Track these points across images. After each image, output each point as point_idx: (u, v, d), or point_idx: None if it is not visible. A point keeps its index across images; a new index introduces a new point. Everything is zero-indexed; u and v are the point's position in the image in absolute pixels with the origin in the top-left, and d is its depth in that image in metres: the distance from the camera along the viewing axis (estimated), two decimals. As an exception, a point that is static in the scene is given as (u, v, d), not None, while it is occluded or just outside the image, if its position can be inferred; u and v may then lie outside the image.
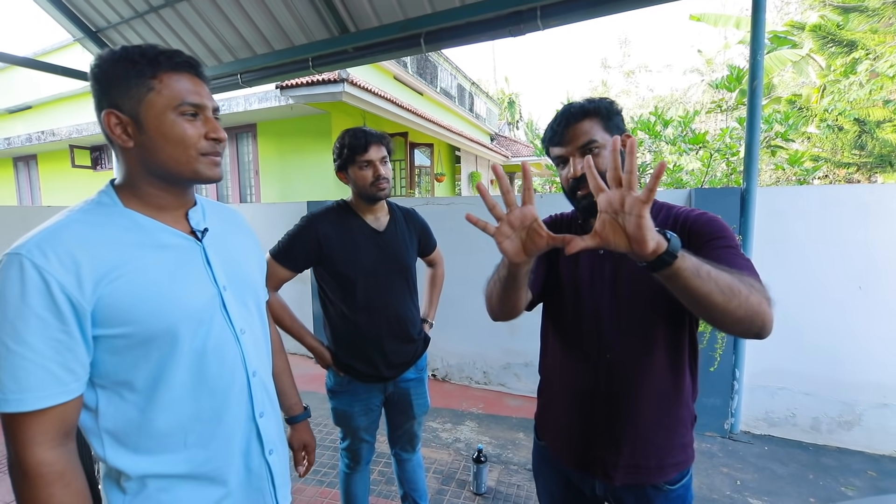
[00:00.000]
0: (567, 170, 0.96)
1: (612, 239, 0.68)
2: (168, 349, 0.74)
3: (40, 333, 0.64)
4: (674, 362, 0.94)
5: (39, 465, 0.65)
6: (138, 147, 0.75)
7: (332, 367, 1.55)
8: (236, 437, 0.83)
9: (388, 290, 1.51)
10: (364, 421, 1.57)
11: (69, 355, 0.66)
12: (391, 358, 1.52)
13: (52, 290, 0.64)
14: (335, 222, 1.48)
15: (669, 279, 0.69)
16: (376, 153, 1.44)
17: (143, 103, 0.73)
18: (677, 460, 0.96)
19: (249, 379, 0.85)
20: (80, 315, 0.66)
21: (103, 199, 0.77)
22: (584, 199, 0.94)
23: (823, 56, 7.86)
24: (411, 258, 1.61)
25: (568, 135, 0.94)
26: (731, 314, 0.70)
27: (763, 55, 2.46)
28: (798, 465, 2.47)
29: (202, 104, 0.77)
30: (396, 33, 2.98)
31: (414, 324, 1.59)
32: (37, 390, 0.64)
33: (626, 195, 0.66)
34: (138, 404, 0.73)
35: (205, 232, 0.84)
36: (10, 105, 9.86)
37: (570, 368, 1.02)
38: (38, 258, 0.65)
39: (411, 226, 1.66)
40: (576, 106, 0.95)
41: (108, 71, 0.74)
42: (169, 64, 0.75)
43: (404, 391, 1.61)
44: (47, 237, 0.67)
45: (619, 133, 0.96)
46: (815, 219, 2.54)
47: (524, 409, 3.24)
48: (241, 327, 0.84)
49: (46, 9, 3.58)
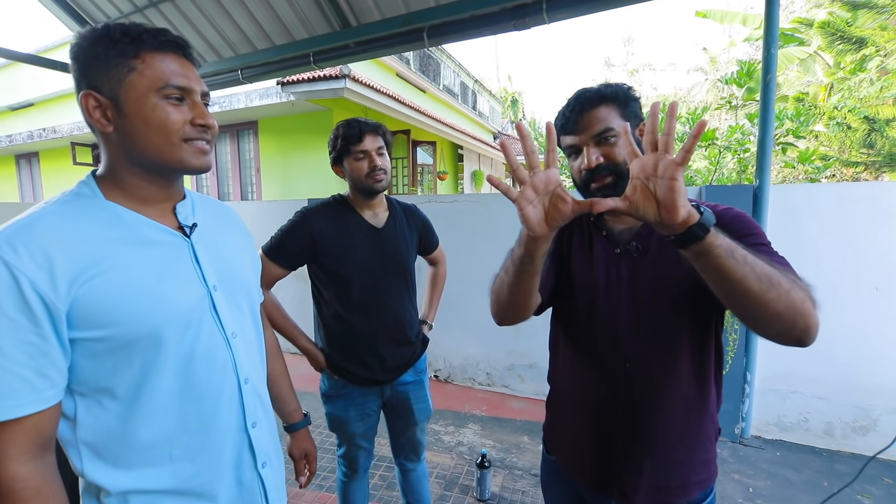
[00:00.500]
0: (580, 160, 0.88)
1: (641, 204, 0.63)
2: (152, 354, 0.68)
3: (11, 336, 0.58)
4: (698, 370, 0.86)
5: (12, 479, 0.59)
6: (118, 132, 0.69)
7: (325, 370, 1.48)
8: (226, 449, 0.77)
9: (386, 290, 1.44)
10: (360, 427, 1.50)
11: (44, 360, 0.61)
12: (387, 361, 1.45)
13: (23, 289, 0.59)
14: (331, 218, 1.41)
15: (700, 257, 0.64)
16: (372, 143, 1.38)
17: (124, 85, 0.67)
18: (701, 478, 0.89)
19: (241, 386, 0.79)
20: (55, 316, 0.61)
21: (83, 191, 0.71)
22: (598, 191, 0.87)
23: (831, 53, 7.75)
24: (411, 257, 1.54)
25: (582, 122, 0.86)
26: (769, 307, 0.63)
27: (777, 49, 2.39)
28: (812, 472, 2.39)
29: (189, 87, 0.71)
30: (399, 27, 2.92)
31: (412, 325, 1.53)
32: (8, 398, 0.58)
33: (660, 158, 0.62)
34: (119, 413, 0.67)
35: (193, 227, 0.78)
36: (12, 102, 9.84)
37: (584, 378, 0.94)
38: (8, 254, 0.59)
39: (412, 223, 1.58)
40: (591, 91, 0.88)
41: (87, 50, 0.68)
42: (153, 42, 0.68)
43: (403, 395, 1.53)
44: (18, 231, 0.61)
45: (637, 121, 0.89)
46: (830, 217, 2.47)
47: (528, 411, 3.18)
48: (232, 330, 0.78)
49: (47, 5, 3.54)
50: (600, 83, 0.90)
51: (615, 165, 0.85)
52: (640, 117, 0.90)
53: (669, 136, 0.61)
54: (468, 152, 11.14)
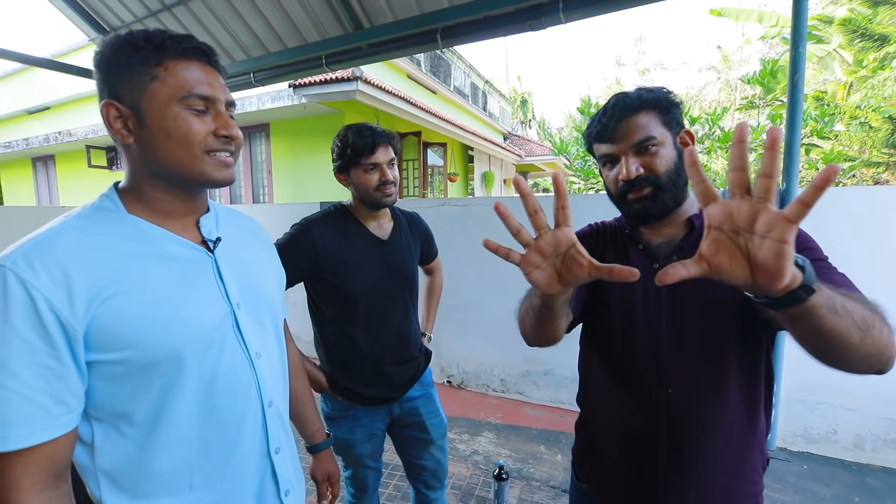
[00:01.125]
0: (618, 170, 0.82)
1: (726, 267, 0.50)
2: (172, 377, 0.64)
3: (25, 359, 0.55)
4: (748, 396, 0.80)
5: None
6: (139, 144, 0.66)
7: (327, 391, 1.39)
8: (249, 476, 0.73)
9: (392, 306, 1.36)
10: (367, 448, 1.42)
11: (60, 384, 0.57)
12: (393, 378, 1.38)
13: (40, 309, 0.55)
14: (334, 229, 1.32)
15: (796, 319, 0.53)
16: (384, 155, 1.29)
17: (145, 94, 0.64)
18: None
19: (265, 410, 0.75)
20: (72, 338, 0.57)
21: (104, 204, 0.68)
22: (635, 202, 0.82)
23: (851, 51, 7.57)
24: (415, 268, 1.47)
25: (621, 129, 0.81)
26: (860, 352, 0.56)
27: (805, 46, 2.30)
28: (841, 486, 2.30)
29: (213, 96, 0.67)
30: (412, 29, 2.88)
31: (415, 340, 1.46)
32: (22, 426, 0.55)
33: (760, 209, 0.47)
34: (138, 440, 0.64)
35: (217, 242, 0.74)
36: (28, 106, 10.01)
37: (622, 404, 0.88)
38: (24, 271, 0.56)
39: (415, 232, 1.50)
40: (631, 96, 0.82)
41: (109, 58, 0.65)
42: (177, 50, 0.65)
43: (413, 410, 1.45)
44: (36, 247, 0.58)
45: (679, 128, 0.84)
46: (861, 221, 2.37)
47: (544, 419, 3.11)
48: (256, 350, 0.74)
49: (62, 9, 3.57)
50: (639, 87, 0.85)
51: (656, 177, 0.80)
52: (682, 124, 0.85)
53: (772, 179, 0.46)
54: (479, 153, 11.08)
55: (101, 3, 3.52)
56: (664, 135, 0.81)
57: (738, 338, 0.78)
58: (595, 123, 0.86)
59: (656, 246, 0.87)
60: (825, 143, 5.44)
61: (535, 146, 14.33)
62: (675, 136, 0.83)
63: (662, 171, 0.80)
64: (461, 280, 3.42)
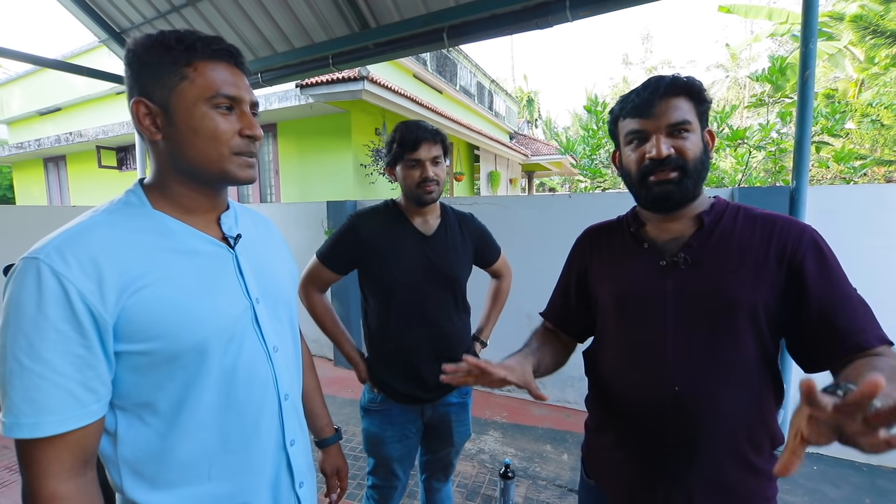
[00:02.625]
0: (647, 147, 0.81)
1: (818, 441, 0.51)
2: (195, 368, 0.66)
3: (59, 349, 0.57)
4: (757, 397, 0.79)
5: (53, 498, 0.57)
6: (166, 140, 0.68)
7: (367, 381, 1.43)
8: (265, 468, 0.74)
9: (432, 303, 1.36)
10: (398, 450, 1.40)
11: (90, 373, 0.59)
12: (429, 377, 1.36)
13: (72, 300, 0.57)
14: (379, 223, 1.37)
15: None
16: (426, 152, 1.30)
17: (175, 92, 0.66)
18: None
19: (281, 402, 0.77)
20: (102, 328, 0.59)
21: (131, 199, 0.70)
22: (656, 185, 0.81)
23: (863, 48, 7.47)
24: (461, 268, 1.43)
25: (659, 107, 0.79)
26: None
27: (815, 43, 2.28)
28: (852, 488, 2.28)
29: (239, 97, 0.70)
30: (418, 28, 2.89)
31: (459, 342, 1.42)
32: (55, 413, 0.57)
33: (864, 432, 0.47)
34: (160, 430, 0.65)
35: (237, 238, 0.76)
36: (40, 107, 10.15)
37: (628, 403, 0.87)
38: (58, 263, 0.57)
39: (466, 232, 1.48)
40: (675, 78, 0.81)
41: (141, 56, 0.67)
42: (206, 51, 0.68)
43: (444, 416, 1.44)
44: (68, 240, 0.60)
45: (706, 124, 0.83)
46: (872, 220, 2.34)
47: (550, 418, 3.11)
48: (273, 344, 0.76)
49: (73, 11, 3.61)
50: (676, 73, 0.84)
51: (685, 161, 0.79)
52: (707, 122, 0.85)
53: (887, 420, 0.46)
54: (484, 153, 11.07)
55: (111, 4, 3.56)
56: (696, 124, 0.81)
57: (744, 339, 0.78)
58: (633, 97, 0.84)
59: (663, 243, 0.86)
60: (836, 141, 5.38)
61: (542, 145, 14.29)
62: (703, 129, 0.83)
63: (691, 156, 0.79)
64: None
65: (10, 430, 0.56)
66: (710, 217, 0.83)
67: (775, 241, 0.79)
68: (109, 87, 8.22)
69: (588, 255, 0.98)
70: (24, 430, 0.56)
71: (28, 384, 0.56)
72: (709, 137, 0.85)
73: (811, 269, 0.76)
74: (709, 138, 0.85)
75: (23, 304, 0.56)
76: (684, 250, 0.83)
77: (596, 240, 0.98)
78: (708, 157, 0.84)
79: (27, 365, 0.55)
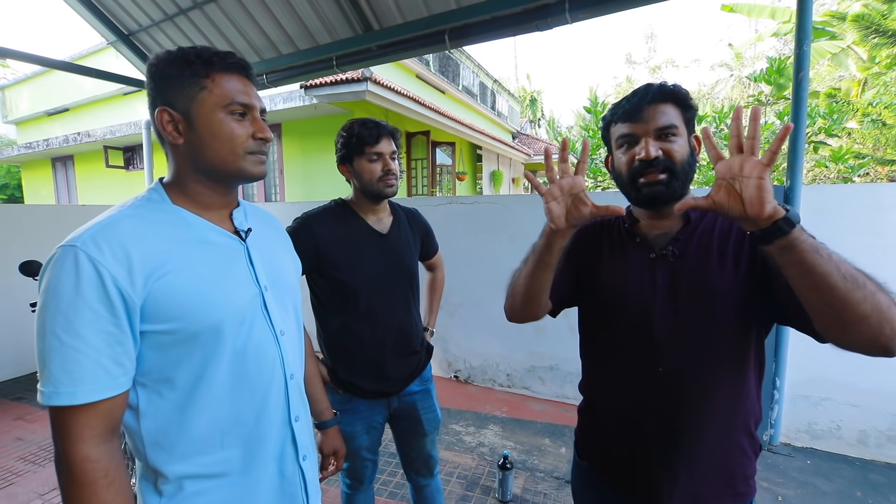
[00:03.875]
0: (636, 150, 0.87)
1: (726, 203, 0.66)
2: (211, 347, 0.73)
3: (93, 326, 0.64)
4: (739, 380, 0.84)
5: (85, 461, 0.64)
6: (188, 144, 0.77)
7: (329, 385, 1.41)
8: (272, 441, 0.82)
9: (392, 299, 1.40)
10: (367, 440, 1.45)
11: (119, 349, 0.66)
12: (394, 372, 1.41)
13: (106, 283, 0.64)
14: (333, 223, 1.36)
15: (784, 251, 0.64)
16: (387, 146, 1.34)
17: (195, 101, 0.75)
18: (738, 491, 0.87)
19: (287, 381, 0.84)
20: (130, 309, 0.67)
21: (153, 196, 0.78)
22: (646, 187, 0.86)
23: (865, 48, 7.46)
24: (415, 263, 1.50)
25: (647, 112, 0.86)
26: (856, 308, 0.62)
27: (809, 45, 2.32)
28: (844, 482, 2.32)
29: (251, 104, 0.79)
30: (420, 30, 2.94)
31: (417, 334, 1.48)
32: (89, 383, 0.64)
33: (746, 160, 0.65)
34: (178, 403, 0.73)
35: (248, 232, 0.85)
36: (48, 108, 10.28)
37: (618, 386, 0.93)
38: (93, 251, 0.65)
39: (414, 227, 1.53)
40: (662, 86, 0.88)
41: (164, 70, 0.76)
42: (222, 64, 0.77)
43: (410, 405, 1.49)
44: (101, 230, 0.67)
45: (692, 130, 0.90)
46: (866, 220, 2.38)
47: (549, 413, 3.16)
48: (280, 328, 0.84)
49: (82, 13, 3.69)
50: (663, 81, 0.90)
51: (672, 163, 0.85)
52: (693, 128, 0.91)
53: (755, 140, 0.65)
54: (487, 152, 11.12)
55: (120, 7, 3.63)
56: (682, 129, 0.87)
57: (730, 327, 0.83)
58: (623, 103, 0.90)
59: (653, 238, 0.92)
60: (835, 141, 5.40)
61: (545, 145, 14.31)
62: (689, 135, 0.89)
63: (678, 158, 0.85)
64: (469, 277, 3.48)
65: (49, 399, 0.62)
66: (695, 213, 0.89)
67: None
68: (116, 88, 8.32)
69: (586, 246, 1.02)
70: (62, 398, 0.62)
71: (66, 357, 0.62)
72: (695, 142, 0.91)
73: None
74: (695, 143, 0.91)
75: (62, 286, 0.63)
76: (672, 244, 0.89)
77: (594, 233, 1.04)
78: (694, 161, 0.90)
79: (65, 340, 0.62)
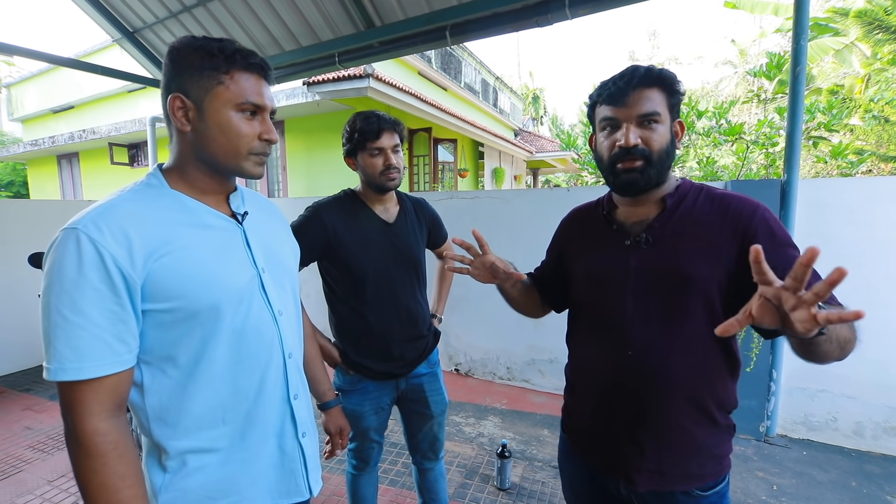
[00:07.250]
0: (617, 136, 0.87)
1: (765, 320, 0.63)
2: (210, 326, 0.76)
3: (96, 304, 0.66)
4: (707, 364, 0.87)
5: (95, 434, 0.66)
6: (195, 133, 0.79)
7: (340, 366, 1.48)
8: (272, 418, 0.85)
9: (399, 285, 1.45)
10: (375, 420, 1.50)
11: (122, 327, 0.69)
12: (402, 355, 1.46)
13: (107, 264, 0.67)
14: (343, 213, 1.42)
15: (805, 345, 0.68)
16: (388, 140, 1.37)
17: (210, 94, 0.77)
18: (707, 471, 0.89)
19: (285, 360, 0.87)
20: (132, 288, 0.69)
21: (151, 181, 0.80)
22: (624, 172, 0.87)
23: (868, 44, 7.43)
24: (421, 251, 1.55)
25: (632, 97, 0.84)
26: (832, 361, 0.71)
27: (807, 40, 2.34)
28: (839, 472, 2.35)
29: (263, 105, 0.81)
30: (422, 26, 2.97)
31: (424, 319, 1.53)
32: (94, 359, 0.66)
33: (800, 306, 0.58)
34: (180, 380, 0.75)
35: (244, 216, 0.87)
36: (54, 105, 10.35)
37: (593, 367, 0.97)
38: (94, 233, 0.67)
39: (421, 217, 1.58)
40: (649, 69, 0.86)
41: (185, 56, 0.77)
42: (243, 63, 0.78)
43: (418, 387, 1.54)
44: (101, 213, 0.70)
45: (676, 116, 0.90)
46: (862, 213, 2.40)
47: (548, 405, 3.20)
48: (278, 309, 0.87)
49: (87, 10, 3.73)
50: (652, 65, 0.88)
51: (650, 151, 0.85)
52: (679, 113, 0.91)
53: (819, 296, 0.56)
54: (489, 149, 11.13)
55: (124, 4, 3.68)
56: (665, 115, 0.87)
57: (695, 311, 0.85)
58: (608, 85, 0.88)
59: (630, 225, 0.94)
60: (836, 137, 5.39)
61: (546, 142, 14.31)
62: (672, 120, 0.89)
63: (656, 147, 0.86)
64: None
65: (55, 374, 0.65)
66: (672, 199, 0.91)
67: (729, 219, 0.86)
68: (121, 85, 8.38)
69: (567, 234, 1.07)
70: (68, 373, 0.65)
71: (71, 334, 0.65)
72: (678, 128, 0.92)
73: (762, 243, 0.83)
74: (678, 128, 0.92)
75: (65, 266, 0.65)
76: (647, 231, 0.90)
77: (575, 221, 1.07)
78: (674, 147, 0.91)
79: (70, 318, 0.65)
